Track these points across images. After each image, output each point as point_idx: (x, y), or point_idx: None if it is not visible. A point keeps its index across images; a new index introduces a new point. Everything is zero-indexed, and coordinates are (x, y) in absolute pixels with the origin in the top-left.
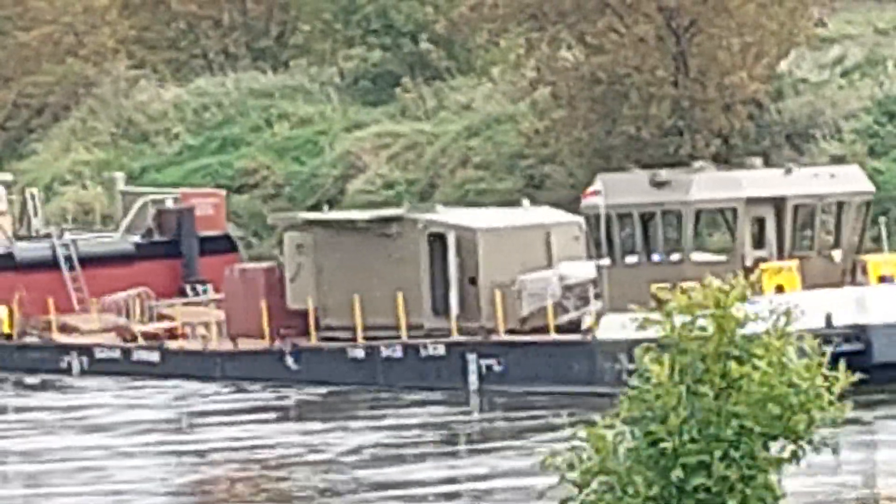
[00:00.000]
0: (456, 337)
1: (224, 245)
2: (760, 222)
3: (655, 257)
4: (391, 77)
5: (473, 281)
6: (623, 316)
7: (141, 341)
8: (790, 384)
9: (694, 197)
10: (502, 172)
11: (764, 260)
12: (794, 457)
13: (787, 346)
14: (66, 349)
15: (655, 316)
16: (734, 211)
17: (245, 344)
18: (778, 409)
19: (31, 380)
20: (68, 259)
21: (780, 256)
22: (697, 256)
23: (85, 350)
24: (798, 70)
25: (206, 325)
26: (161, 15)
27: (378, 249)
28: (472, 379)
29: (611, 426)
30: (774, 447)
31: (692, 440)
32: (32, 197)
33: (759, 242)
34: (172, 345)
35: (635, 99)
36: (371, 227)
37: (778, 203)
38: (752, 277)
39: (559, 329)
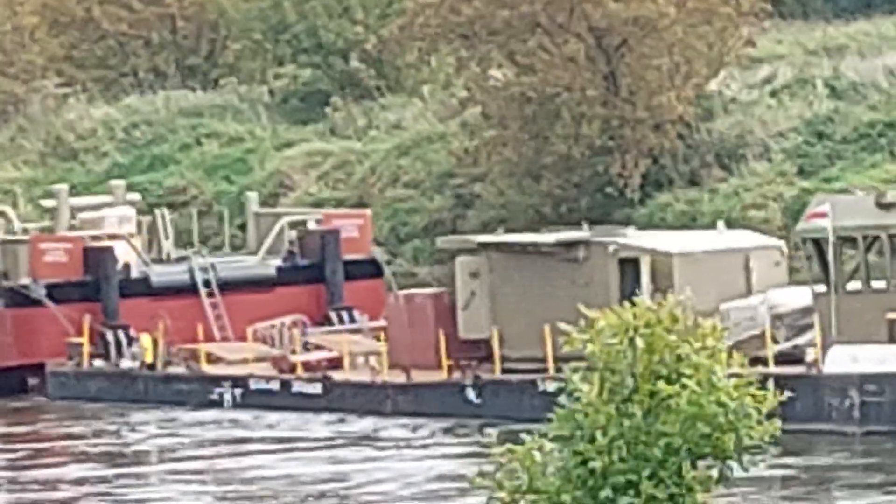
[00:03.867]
0: None
1: (369, 269)
2: None
3: (880, 284)
4: (321, 96)
5: None
6: (853, 348)
7: (300, 372)
8: (719, 403)
9: None
10: (432, 191)
11: None
12: (723, 477)
13: (716, 366)
14: (217, 380)
15: (583, 335)
16: None
17: (419, 376)
18: (707, 429)
19: (179, 414)
20: (207, 284)
21: None
22: None
23: (239, 381)
24: (727, 90)
25: (372, 356)
26: (90, 33)
27: (563, 275)
28: None
29: (539, 446)
30: (702, 466)
31: (621, 459)
32: (163, 217)
33: None
34: (336, 376)
35: (566, 118)
36: (555, 250)
37: None
38: None
39: (776, 361)
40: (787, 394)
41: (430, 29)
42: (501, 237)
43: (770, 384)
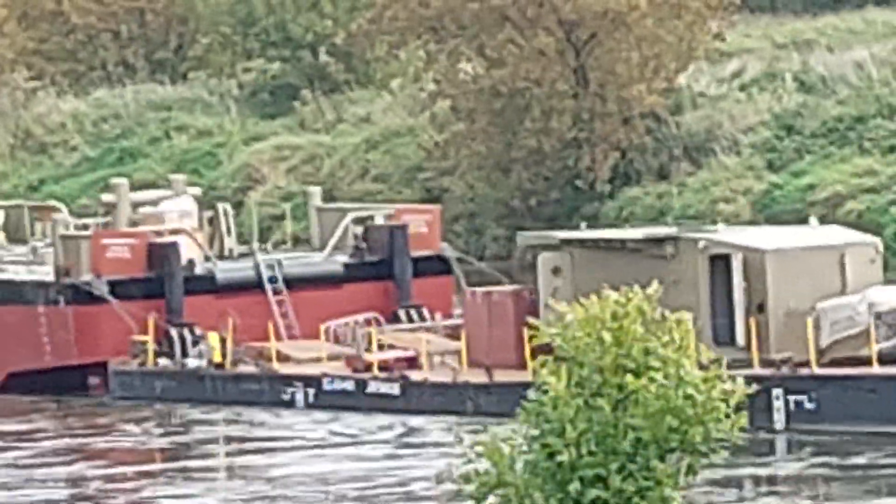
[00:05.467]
0: (758, 370)
1: (438, 266)
2: None
3: None
4: (290, 89)
5: (761, 308)
6: None
7: (376, 372)
8: (687, 396)
9: None
10: (401, 185)
11: None
12: (691, 470)
13: (684, 359)
14: (289, 380)
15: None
16: None
17: (501, 376)
18: (675, 422)
19: (248, 414)
20: (273, 281)
21: None
22: None
23: (312, 381)
24: (696, 84)
25: (449, 355)
26: (59, 27)
27: (650, 272)
28: (778, 417)
29: (508, 439)
30: (671, 460)
31: (589, 453)
32: (225, 213)
33: None
34: (415, 376)
35: (536, 112)
36: (643, 247)
37: None
38: None
39: (881, 361)
40: (754, 387)
41: (399, 23)
42: (585, 233)
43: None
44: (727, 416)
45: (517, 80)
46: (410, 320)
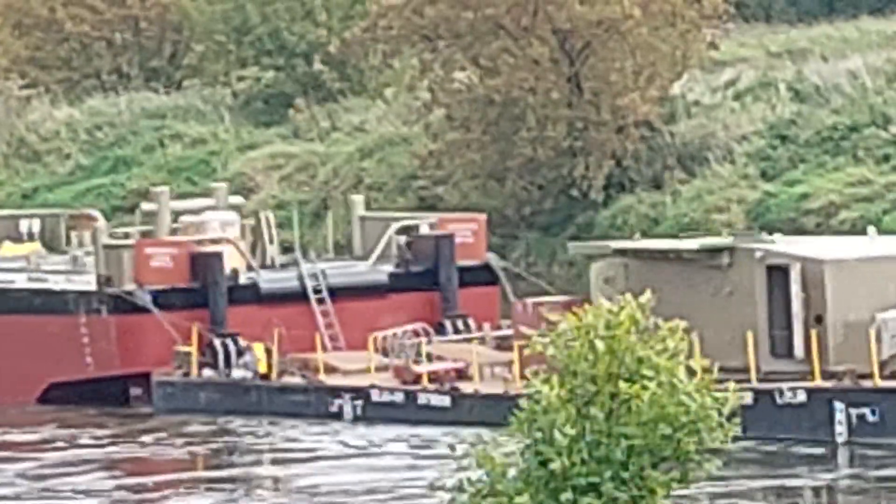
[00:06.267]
0: (820, 382)
1: (484, 276)
2: None
3: None
4: (284, 98)
5: (819, 319)
6: None
7: (425, 383)
8: (679, 404)
9: None
10: (395, 194)
11: None
12: (684, 477)
13: (677, 368)
14: (336, 391)
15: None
16: None
17: None
18: (668, 430)
19: (295, 426)
20: (318, 291)
21: None
22: None
23: (360, 393)
24: (691, 92)
25: (500, 367)
26: (53, 35)
27: (705, 282)
28: (840, 430)
29: (501, 447)
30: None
31: (582, 461)
32: (267, 221)
33: None
34: (466, 388)
35: (530, 121)
36: (698, 257)
37: None
38: None
39: None
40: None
41: (394, 31)
42: (640, 243)
43: None
44: (720, 424)
45: (511, 88)
46: (456, 331)
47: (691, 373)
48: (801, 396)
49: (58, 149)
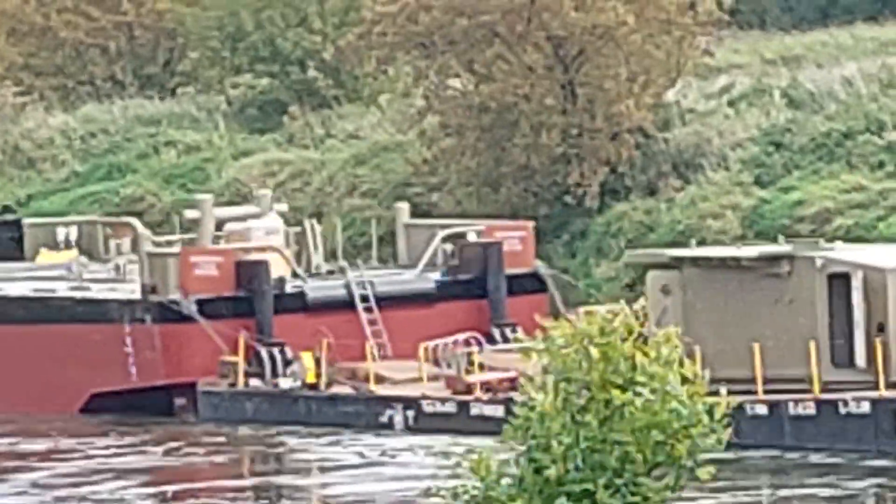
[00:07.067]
0: (885, 392)
1: (533, 284)
2: None
3: None
4: (278, 105)
5: (881, 328)
6: None
7: (478, 393)
8: (672, 411)
9: None
10: (389, 201)
11: None
12: (677, 484)
13: (670, 374)
14: (387, 401)
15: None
16: None
17: None
18: (661, 436)
19: (344, 437)
20: (365, 299)
21: None
22: None
23: (411, 403)
24: (685, 99)
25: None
26: (48, 41)
27: (764, 291)
28: None
29: (496, 454)
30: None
31: (577, 468)
32: (313, 229)
33: None
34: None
35: (524, 127)
36: (758, 265)
37: None
38: None
39: None
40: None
41: (388, 38)
42: (697, 251)
43: None
44: (712, 430)
45: (506, 95)
46: (505, 340)
47: (684, 380)
48: (865, 407)
49: (52, 156)
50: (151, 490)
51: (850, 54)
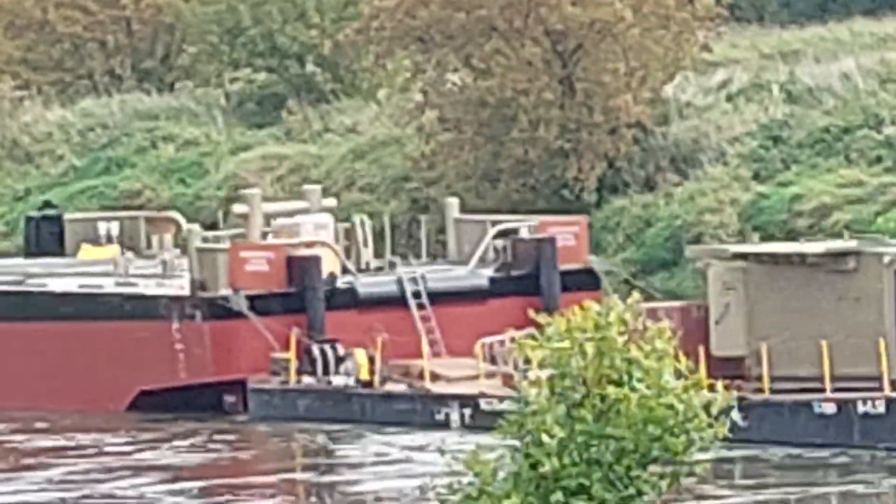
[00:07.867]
0: None
1: (586, 280)
2: None
3: None
4: (277, 99)
5: None
6: None
7: None
8: (667, 406)
9: None
10: (388, 195)
11: None
12: (674, 478)
13: (665, 369)
14: (443, 399)
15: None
16: None
17: None
18: (657, 431)
19: (400, 435)
20: (417, 295)
21: None
22: None
23: (468, 400)
24: (683, 94)
25: None
26: (46, 36)
27: (830, 287)
28: None
29: (491, 450)
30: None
31: (573, 463)
32: (363, 224)
33: None
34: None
35: (522, 122)
36: (823, 261)
37: None
38: None
39: None
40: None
41: (386, 33)
42: (760, 246)
43: None
44: (709, 424)
45: (504, 90)
46: None
47: (679, 374)
48: None
49: (50, 150)
50: (201, 485)
51: (848, 49)
